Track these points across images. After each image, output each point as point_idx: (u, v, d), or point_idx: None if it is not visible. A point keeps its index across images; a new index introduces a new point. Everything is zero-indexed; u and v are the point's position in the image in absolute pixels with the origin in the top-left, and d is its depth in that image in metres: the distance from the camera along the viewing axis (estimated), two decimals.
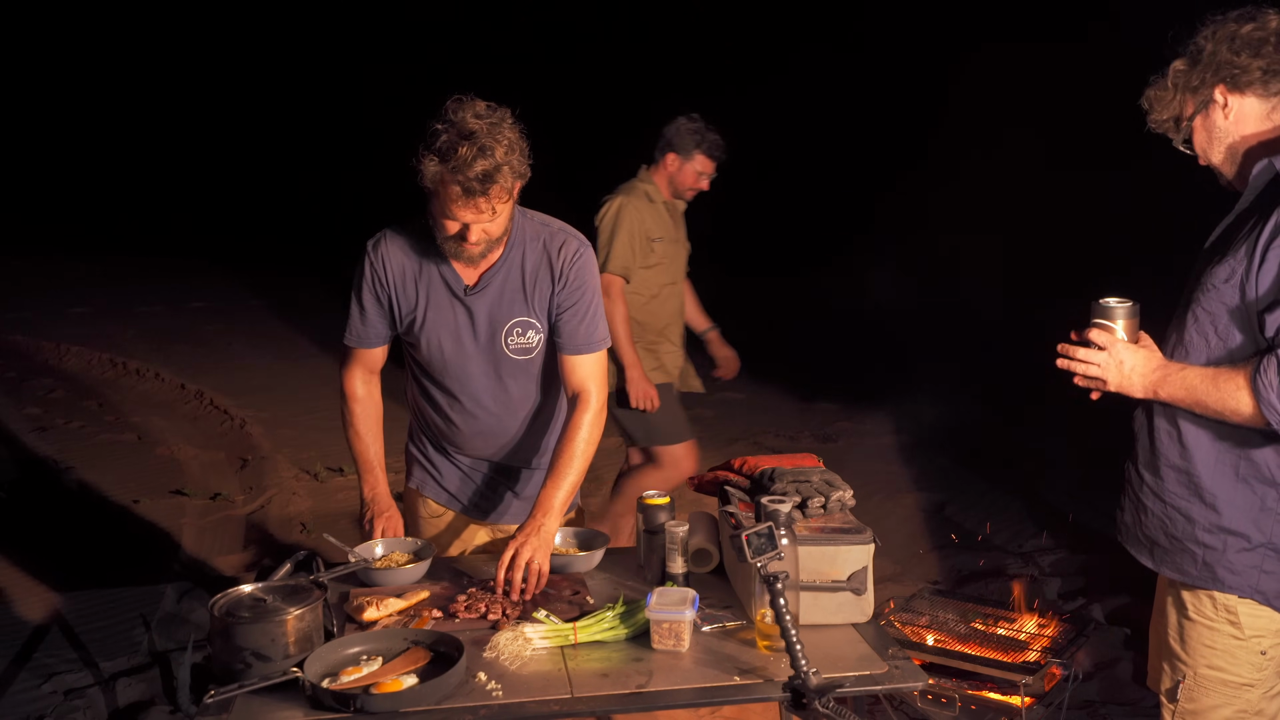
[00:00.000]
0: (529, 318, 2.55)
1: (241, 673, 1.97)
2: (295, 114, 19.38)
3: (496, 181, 2.26)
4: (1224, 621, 2.06)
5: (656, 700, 1.98)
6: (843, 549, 2.21)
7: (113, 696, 3.71)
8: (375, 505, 2.64)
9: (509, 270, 2.53)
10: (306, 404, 7.73)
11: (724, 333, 4.80)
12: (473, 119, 2.27)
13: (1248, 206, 2.00)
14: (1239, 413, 1.92)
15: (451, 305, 2.54)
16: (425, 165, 2.28)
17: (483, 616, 2.27)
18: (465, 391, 2.62)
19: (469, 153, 2.23)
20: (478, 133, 2.25)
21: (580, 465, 2.53)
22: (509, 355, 2.57)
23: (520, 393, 2.64)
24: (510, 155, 2.29)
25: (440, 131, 2.27)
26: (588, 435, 2.53)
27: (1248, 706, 2.07)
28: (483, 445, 2.71)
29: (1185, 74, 2.04)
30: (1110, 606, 4.27)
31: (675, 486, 4.15)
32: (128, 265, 13.60)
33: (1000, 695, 3.25)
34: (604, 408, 2.60)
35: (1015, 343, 8.25)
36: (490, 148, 2.25)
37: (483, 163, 2.23)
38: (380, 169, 16.84)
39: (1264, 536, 2.00)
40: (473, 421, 2.66)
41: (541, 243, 2.54)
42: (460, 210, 2.31)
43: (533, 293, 2.54)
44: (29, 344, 9.51)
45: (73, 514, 5.64)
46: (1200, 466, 2.03)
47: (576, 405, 2.56)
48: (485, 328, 2.55)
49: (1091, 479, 5.53)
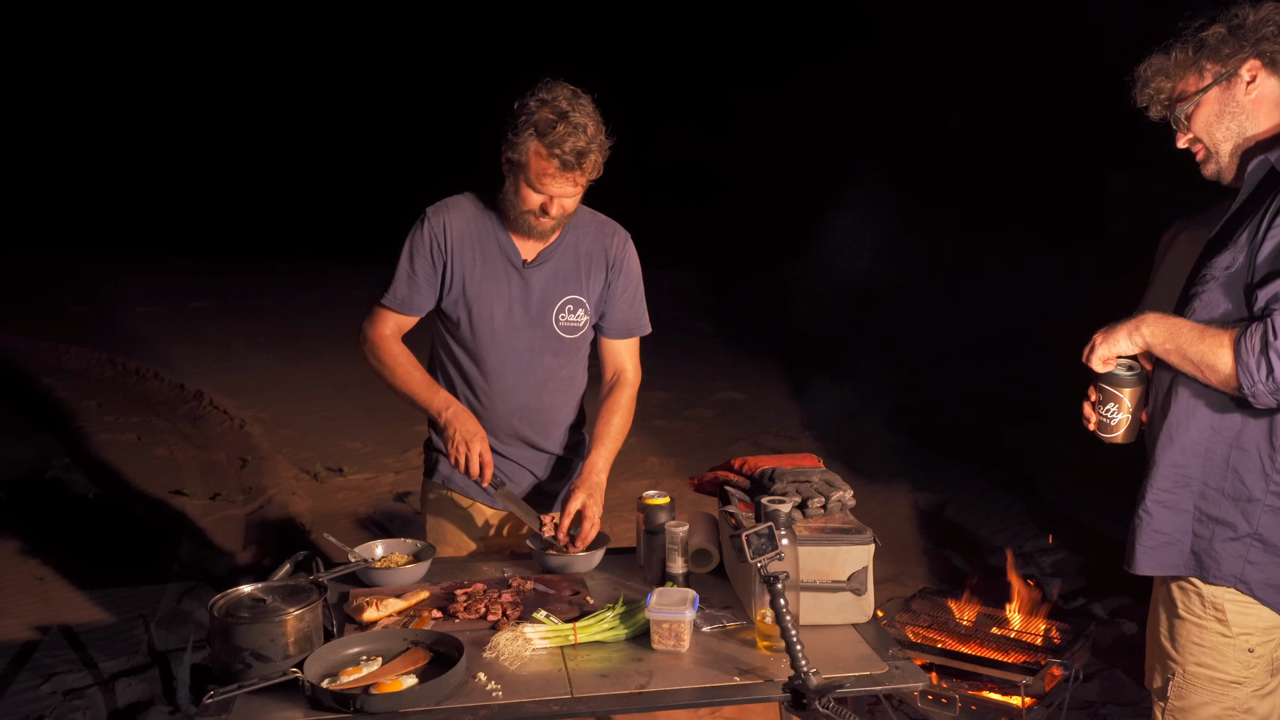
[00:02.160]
0: (581, 296, 2.67)
1: (241, 673, 1.97)
2: (296, 114, 19.38)
3: (589, 157, 2.44)
4: (1212, 619, 2.06)
5: (656, 700, 1.98)
6: (843, 549, 2.21)
7: (112, 696, 3.71)
8: (457, 421, 2.58)
9: (565, 250, 2.66)
10: (306, 404, 7.74)
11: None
12: (565, 100, 2.44)
13: (1245, 202, 2.00)
14: (1216, 370, 1.91)
15: (508, 276, 2.63)
16: (521, 139, 2.43)
17: (483, 617, 2.27)
18: (504, 366, 2.67)
19: (566, 129, 2.40)
20: (571, 112, 2.42)
21: (619, 435, 2.71)
22: (557, 331, 2.67)
23: (558, 371, 2.72)
24: (599, 134, 2.47)
25: (534, 109, 2.43)
26: (628, 407, 2.75)
27: (1236, 704, 2.08)
28: (512, 423, 2.73)
29: (1219, 41, 2.00)
30: (1111, 606, 4.28)
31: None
32: (128, 265, 13.59)
33: (1000, 695, 3.26)
34: (637, 386, 2.80)
35: (1015, 343, 8.27)
36: (584, 125, 2.42)
37: (578, 139, 2.41)
38: (381, 169, 16.84)
39: (1250, 527, 2.00)
40: (506, 398, 2.69)
41: (594, 229, 2.70)
42: (551, 184, 2.46)
43: (586, 275, 2.68)
44: (29, 344, 9.51)
45: (73, 514, 5.64)
46: (1190, 456, 2.03)
47: (618, 382, 2.76)
48: (537, 302, 2.65)
49: (1091, 479, 5.53)
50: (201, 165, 19.28)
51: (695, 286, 11.28)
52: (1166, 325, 2.00)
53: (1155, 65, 2.06)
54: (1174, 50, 2.04)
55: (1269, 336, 1.83)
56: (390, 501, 5.75)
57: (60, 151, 19.67)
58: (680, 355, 9.05)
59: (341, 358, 8.44)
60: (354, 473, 6.17)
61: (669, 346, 9.30)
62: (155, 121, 20.37)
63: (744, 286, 11.64)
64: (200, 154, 19.56)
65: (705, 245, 13.07)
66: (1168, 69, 2.05)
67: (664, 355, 8.95)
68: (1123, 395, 2.10)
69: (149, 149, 19.84)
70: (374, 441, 6.58)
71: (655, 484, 5.28)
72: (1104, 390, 2.12)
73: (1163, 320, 2.01)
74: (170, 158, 19.63)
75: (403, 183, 9.88)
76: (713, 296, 11.01)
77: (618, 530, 2.76)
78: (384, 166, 16.39)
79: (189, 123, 20.24)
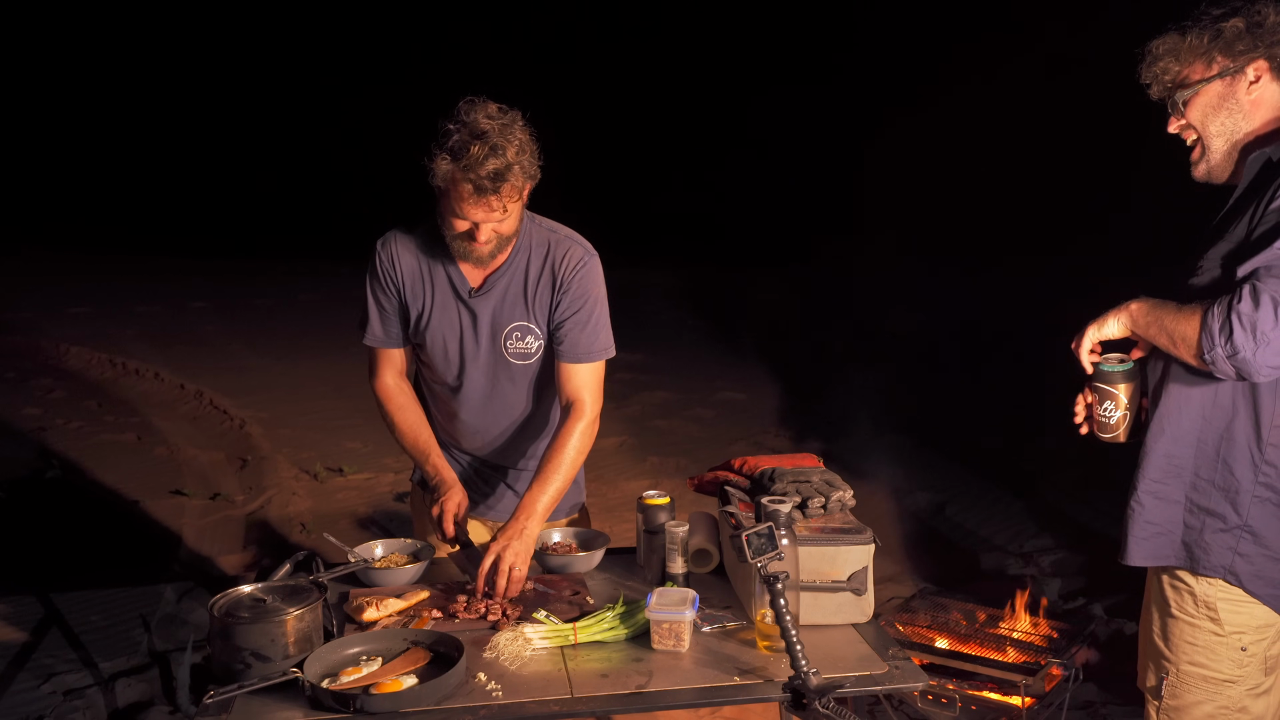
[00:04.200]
0: (529, 323, 2.56)
1: (241, 673, 1.97)
2: (296, 115, 19.37)
3: (507, 180, 2.30)
4: (1204, 618, 2.07)
5: (656, 700, 1.98)
6: (843, 549, 2.21)
7: (112, 696, 3.71)
8: (442, 488, 2.56)
9: (513, 274, 2.54)
10: (306, 404, 7.74)
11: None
12: (485, 119, 2.30)
13: (1242, 195, 2.01)
14: (1186, 340, 1.90)
15: (456, 306, 2.56)
16: (437, 163, 2.31)
17: (483, 617, 2.27)
18: (465, 391, 2.63)
19: (481, 151, 2.26)
20: (489, 132, 2.28)
21: (567, 473, 2.52)
22: (508, 359, 2.59)
23: (516, 397, 2.65)
24: (521, 156, 2.32)
25: (453, 131, 2.30)
26: (578, 444, 2.53)
27: (1230, 703, 2.08)
28: (480, 444, 2.73)
29: (1235, 35, 1.98)
30: (1110, 606, 4.28)
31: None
32: (128, 265, 13.59)
33: (1000, 695, 3.26)
34: (596, 419, 2.59)
35: (1016, 342, 8.27)
36: (502, 147, 2.28)
37: (494, 162, 2.27)
38: (380, 170, 16.88)
39: (1240, 519, 2.01)
40: (471, 421, 2.68)
41: (546, 249, 2.55)
42: (471, 209, 2.33)
43: (534, 299, 2.55)
44: (29, 344, 9.51)
45: (73, 514, 5.64)
46: (1182, 446, 2.03)
47: (570, 414, 2.55)
48: (486, 330, 2.56)
49: (1091, 479, 5.53)
50: (201, 165, 19.27)
51: (696, 287, 11.29)
52: (1151, 305, 2.01)
53: (1168, 45, 2.04)
54: (1190, 34, 2.02)
55: (1234, 301, 1.83)
56: (390, 501, 5.75)
57: (60, 151, 19.67)
58: (680, 355, 9.05)
59: (341, 358, 8.43)
60: (354, 473, 6.17)
61: (669, 346, 9.30)
62: (155, 121, 20.36)
63: (744, 287, 11.65)
64: (200, 154, 19.55)
65: (705, 246, 13.09)
66: (1179, 51, 2.03)
67: (664, 355, 8.96)
68: (1118, 391, 2.10)
69: (149, 149, 19.83)
70: (374, 441, 6.58)
71: (655, 484, 5.27)
72: (1099, 389, 2.13)
73: (1149, 301, 2.02)
74: (170, 158, 19.62)
75: (403, 183, 9.89)
76: (713, 297, 11.02)
77: (618, 530, 2.76)
78: (384, 167, 16.38)
79: (189, 122, 20.23)
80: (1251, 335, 1.80)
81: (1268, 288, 1.80)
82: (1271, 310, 1.79)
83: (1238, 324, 1.81)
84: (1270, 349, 1.80)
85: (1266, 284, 1.80)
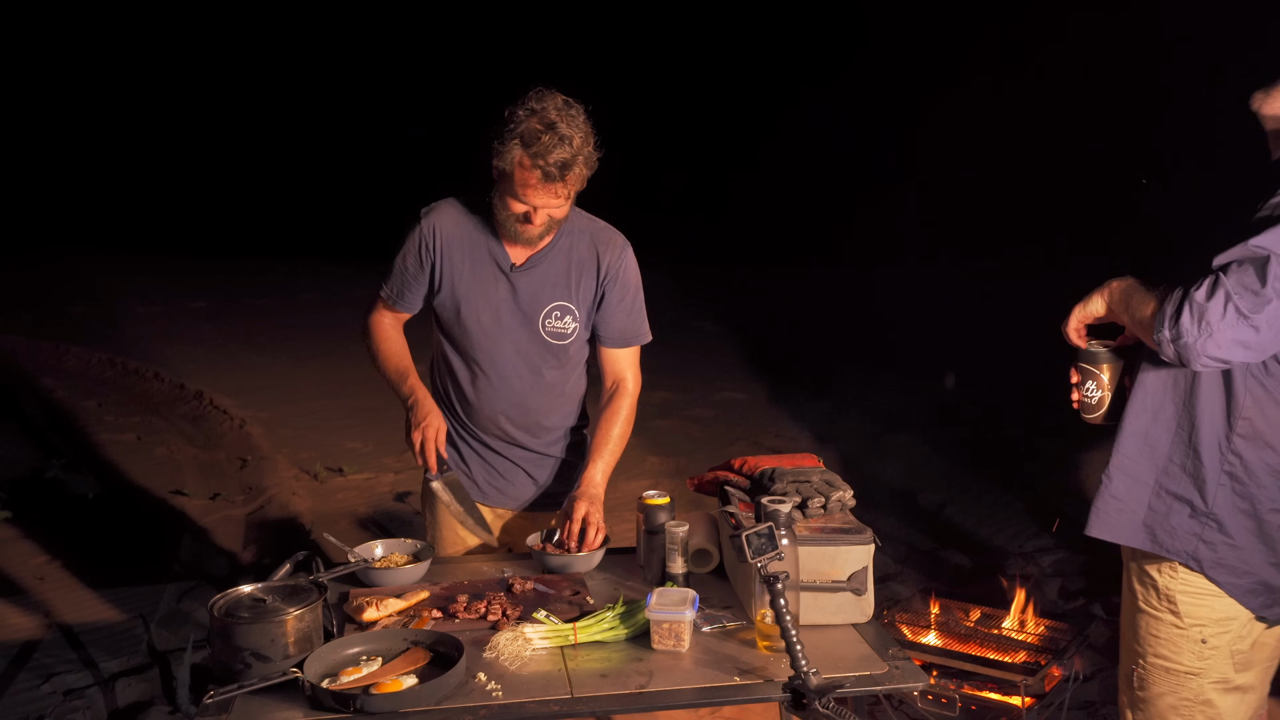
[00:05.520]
0: (570, 303, 2.65)
1: (241, 673, 1.97)
2: (296, 114, 19.38)
3: (573, 169, 2.42)
4: (1166, 610, 2.09)
5: (656, 701, 1.98)
6: (843, 549, 2.21)
7: (112, 696, 3.71)
8: (420, 409, 2.64)
9: (556, 256, 2.64)
10: (306, 404, 7.73)
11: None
12: (554, 110, 2.42)
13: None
14: (1144, 320, 1.95)
15: (495, 280, 2.63)
16: (506, 148, 2.42)
17: (482, 617, 2.27)
18: (493, 367, 2.68)
19: (551, 140, 2.38)
20: (558, 123, 2.40)
21: (619, 446, 2.70)
22: (544, 337, 2.66)
23: (544, 374, 2.71)
24: (585, 147, 2.45)
25: (523, 118, 2.41)
26: (627, 417, 2.72)
27: (1192, 695, 2.09)
28: (500, 423, 2.74)
29: None
30: (1111, 606, 4.28)
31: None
32: (128, 265, 13.58)
33: (1000, 695, 3.26)
34: (637, 396, 2.76)
35: (1015, 343, 8.26)
36: (569, 138, 2.40)
37: (562, 151, 2.39)
38: (380, 170, 16.85)
39: (1207, 506, 2.02)
40: (494, 399, 2.70)
41: (589, 237, 2.67)
42: (534, 194, 2.44)
43: (577, 283, 2.66)
44: (29, 344, 9.51)
45: (73, 514, 5.64)
46: (1159, 427, 2.04)
47: (617, 392, 2.73)
48: (525, 307, 2.64)
49: (1092, 479, 5.53)
50: (201, 165, 19.27)
51: (696, 287, 11.29)
52: (1127, 284, 2.03)
53: None
54: None
55: (1193, 289, 1.85)
56: (390, 501, 5.74)
57: (59, 151, 19.67)
58: (680, 355, 9.04)
59: (342, 358, 8.44)
60: (354, 473, 6.17)
61: (669, 346, 9.28)
62: (155, 121, 20.36)
63: (744, 288, 11.65)
64: (200, 154, 19.55)
65: (706, 247, 13.09)
66: None
67: (664, 355, 8.93)
68: (1100, 372, 2.13)
69: (148, 149, 19.83)
70: (374, 441, 6.58)
71: (655, 484, 5.27)
72: (1083, 369, 2.16)
73: (1128, 280, 2.04)
74: (170, 157, 19.61)
75: (403, 183, 9.86)
76: (713, 297, 11.03)
77: (618, 530, 2.76)
78: (384, 167, 16.40)
79: (189, 122, 20.23)
80: (1197, 324, 1.83)
81: (1228, 282, 1.82)
82: (1222, 304, 1.82)
83: (1188, 311, 1.84)
84: (1213, 341, 1.83)
85: (1229, 278, 1.83)
